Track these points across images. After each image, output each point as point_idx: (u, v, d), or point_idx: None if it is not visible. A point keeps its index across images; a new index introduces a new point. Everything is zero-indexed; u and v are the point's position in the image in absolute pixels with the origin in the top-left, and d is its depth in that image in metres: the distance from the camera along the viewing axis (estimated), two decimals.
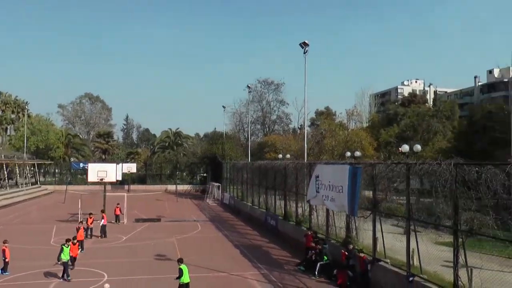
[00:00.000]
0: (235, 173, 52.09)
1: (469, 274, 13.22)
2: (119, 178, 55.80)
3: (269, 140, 67.81)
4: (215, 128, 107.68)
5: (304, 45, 34.36)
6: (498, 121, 42.77)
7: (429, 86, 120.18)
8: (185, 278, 16.03)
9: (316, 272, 19.65)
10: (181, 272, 16.03)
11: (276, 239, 28.84)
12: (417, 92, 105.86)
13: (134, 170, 70.75)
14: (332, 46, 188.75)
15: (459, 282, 12.80)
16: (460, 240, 13.05)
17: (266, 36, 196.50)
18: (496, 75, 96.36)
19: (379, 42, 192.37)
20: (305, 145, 38.21)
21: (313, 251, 20.87)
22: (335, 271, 18.86)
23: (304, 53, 34.39)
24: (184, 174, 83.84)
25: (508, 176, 11.69)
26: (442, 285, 13.90)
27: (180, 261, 16.59)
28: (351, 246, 19.03)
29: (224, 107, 75.16)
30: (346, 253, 18.56)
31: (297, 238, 25.74)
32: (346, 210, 19.14)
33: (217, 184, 59.36)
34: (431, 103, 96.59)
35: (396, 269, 16.24)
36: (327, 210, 22.82)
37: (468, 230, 13.78)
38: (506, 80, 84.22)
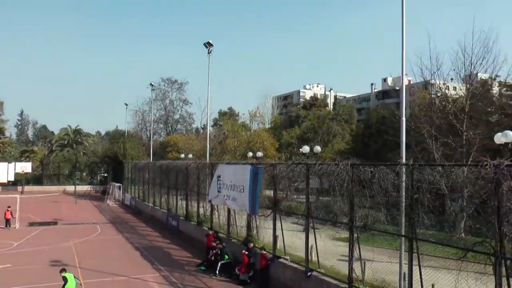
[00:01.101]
0: (137, 173, 50.80)
1: (363, 266, 14.05)
2: (11, 178, 52.03)
3: (171, 139, 67.05)
4: (117, 127, 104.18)
5: (208, 45, 34.39)
6: (390, 125, 45.63)
7: (330, 90, 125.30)
8: (71, 286, 15.32)
9: (217, 272, 19.72)
10: (65, 280, 15.29)
11: (177, 240, 28.58)
12: (318, 96, 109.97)
13: (29, 169, 66.02)
14: (237, 48, 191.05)
15: (353, 274, 13.50)
16: (355, 235, 13.78)
17: (171, 35, 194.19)
18: (389, 83, 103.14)
19: (282, 47, 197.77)
20: (208, 145, 38.26)
21: (214, 251, 20.94)
22: (236, 270, 19.08)
23: (209, 53, 34.43)
24: (84, 174, 79.89)
25: (398, 175, 12.57)
26: (338, 277, 14.60)
27: (63, 270, 15.78)
28: (251, 245, 19.37)
29: (126, 104, 73.18)
30: (247, 252, 18.86)
31: (198, 238, 25.70)
32: (247, 209, 19.47)
33: (118, 184, 57.48)
34: (331, 107, 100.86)
35: (295, 265, 16.76)
36: (229, 210, 23.03)
37: (363, 226, 14.63)
38: (397, 88, 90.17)
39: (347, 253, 13.83)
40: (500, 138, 17.83)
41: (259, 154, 40.17)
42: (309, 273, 15.43)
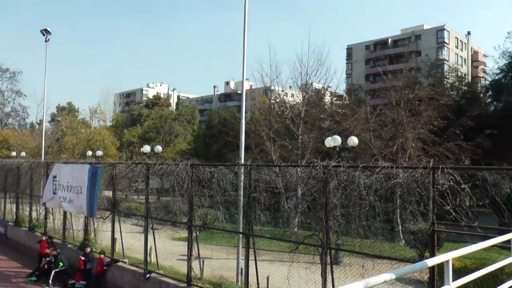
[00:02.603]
0: None
1: (201, 264, 14.24)
2: None
3: (1, 135, 60.76)
4: None
5: (45, 32, 31.87)
6: (231, 127, 47.10)
7: (173, 90, 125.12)
8: None
9: (50, 281, 18.19)
10: None
11: (4, 249, 25.67)
12: (162, 95, 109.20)
13: None
14: (79, 41, 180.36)
15: (192, 273, 13.61)
16: (194, 234, 13.91)
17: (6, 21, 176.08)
18: (232, 87, 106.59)
19: (128, 42, 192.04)
20: (43, 142, 35.54)
21: (47, 258, 19.36)
22: (69, 281, 17.82)
23: (46, 41, 31.93)
24: None
25: (236, 175, 13.03)
26: (177, 277, 14.58)
27: None
28: (89, 249, 18.37)
29: None
30: (83, 258, 17.82)
31: (30, 245, 23.49)
32: (85, 212, 18.49)
33: None
34: (174, 107, 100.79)
35: (134, 268, 16.34)
36: (65, 213, 21.55)
37: (201, 225, 14.85)
38: (239, 92, 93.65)
39: (186, 253, 13.89)
40: (329, 142, 19.57)
41: (99, 153, 38.54)
42: (147, 275, 15.17)
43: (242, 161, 15.31)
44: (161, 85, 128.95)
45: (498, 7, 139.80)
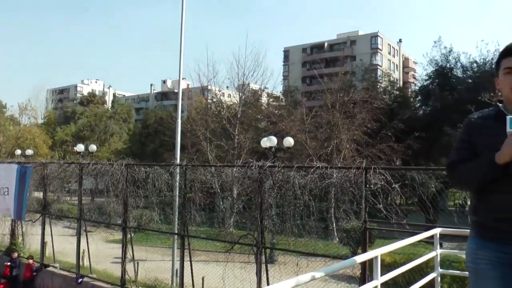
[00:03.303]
0: None
1: (136, 267, 13.97)
2: None
3: None
4: None
5: None
6: (168, 126, 46.55)
7: (109, 87, 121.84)
8: None
9: None
10: None
11: None
12: (97, 93, 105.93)
13: None
14: (7, 34, 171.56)
15: (126, 276, 13.33)
16: (129, 236, 13.62)
17: None
18: (169, 85, 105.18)
19: (60, 35, 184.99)
20: None
21: None
22: None
23: None
24: None
25: (172, 175, 12.89)
26: (110, 281, 14.23)
27: None
28: (16, 255, 17.47)
29: None
30: (9, 264, 16.94)
31: None
32: (12, 215, 17.66)
33: None
34: (110, 104, 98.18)
35: (66, 273, 15.77)
36: None
37: (136, 226, 14.57)
38: (176, 91, 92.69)
39: (120, 255, 13.58)
40: (265, 142, 19.77)
41: (29, 152, 36.78)
42: (80, 280, 14.70)
43: (178, 161, 15.16)
44: (96, 82, 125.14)
45: (426, 17, 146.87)
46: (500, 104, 2.75)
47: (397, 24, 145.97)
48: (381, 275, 3.75)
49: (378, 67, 69.83)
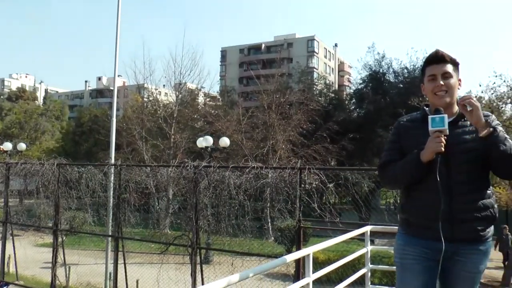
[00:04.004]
0: None
1: (67, 271, 13.53)
2: None
3: None
4: None
5: None
6: (102, 125, 45.33)
7: (40, 83, 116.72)
8: None
9: None
10: None
11: None
12: (27, 88, 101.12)
13: None
14: None
15: (57, 282, 12.87)
16: (60, 239, 13.16)
17: None
18: (104, 83, 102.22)
19: None
20: None
21: None
22: None
23: None
24: None
25: (106, 175, 12.58)
26: (39, 287, 13.72)
27: None
28: None
29: None
30: None
31: None
32: None
33: None
34: (42, 101, 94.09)
35: None
36: None
37: (68, 228, 14.10)
38: (111, 88, 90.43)
39: (51, 260, 13.10)
40: (201, 142, 19.71)
41: None
42: (4, 287, 14.06)
43: (113, 160, 14.80)
44: (26, 76, 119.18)
45: (361, 23, 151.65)
46: (427, 108, 2.95)
47: (333, 29, 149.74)
48: (315, 272, 3.89)
49: (314, 70, 71.38)
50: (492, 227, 2.82)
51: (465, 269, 2.79)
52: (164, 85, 37.23)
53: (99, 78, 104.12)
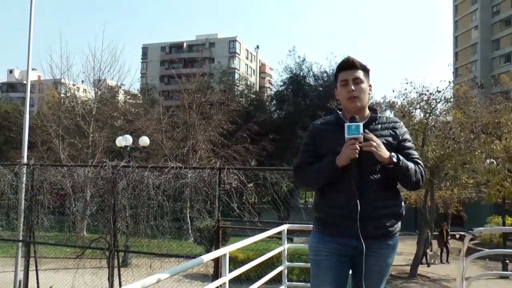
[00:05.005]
0: None
1: None
2: None
3: None
4: None
5: None
6: (14, 121, 42.85)
7: None
8: None
9: None
10: None
11: None
12: None
13: None
14: None
15: None
16: None
17: None
18: (16, 76, 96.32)
19: None
20: None
21: None
22: None
23: None
24: None
25: (17, 176, 11.93)
26: None
27: None
28: None
29: None
30: None
31: None
32: None
33: None
34: None
35: None
36: None
37: None
38: (24, 82, 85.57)
39: None
40: (121, 141, 19.28)
41: None
42: None
43: (25, 160, 14.05)
44: None
45: (282, 27, 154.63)
46: (340, 112, 3.11)
47: (255, 31, 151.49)
48: (233, 271, 3.98)
49: (236, 70, 71.91)
50: (399, 223, 3.04)
51: (376, 263, 2.97)
52: (82, 81, 35.83)
53: (11, 71, 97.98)
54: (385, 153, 2.83)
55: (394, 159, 2.83)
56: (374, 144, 2.81)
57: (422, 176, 2.96)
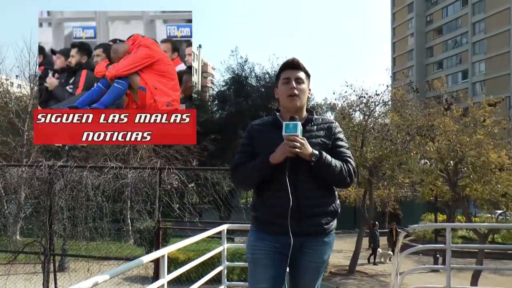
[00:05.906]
0: None
1: None
2: None
3: None
4: None
5: None
6: None
7: None
8: None
9: None
10: None
11: None
12: None
13: None
14: None
15: None
16: None
17: None
18: None
19: None
20: None
21: None
22: None
23: None
24: None
25: None
26: None
27: None
28: None
29: None
30: None
31: None
32: None
33: None
34: None
35: None
36: None
37: None
38: None
39: None
40: None
41: None
42: None
43: None
44: None
45: (224, 27, 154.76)
46: (278, 113, 3.16)
47: (197, 30, 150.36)
48: (172, 272, 3.93)
49: None
50: (335, 221, 3.11)
51: (312, 259, 3.04)
52: (17, 76, 34.12)
53: None
54: (307, 149, 2.88)
55: (314, 158, 2.88)
56: (298, 144, 2.84)
57: (351, 174, 3.02)
